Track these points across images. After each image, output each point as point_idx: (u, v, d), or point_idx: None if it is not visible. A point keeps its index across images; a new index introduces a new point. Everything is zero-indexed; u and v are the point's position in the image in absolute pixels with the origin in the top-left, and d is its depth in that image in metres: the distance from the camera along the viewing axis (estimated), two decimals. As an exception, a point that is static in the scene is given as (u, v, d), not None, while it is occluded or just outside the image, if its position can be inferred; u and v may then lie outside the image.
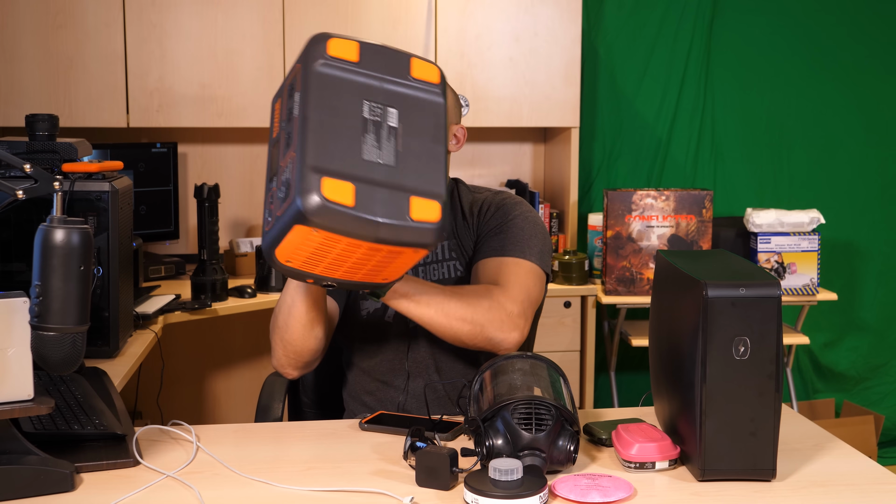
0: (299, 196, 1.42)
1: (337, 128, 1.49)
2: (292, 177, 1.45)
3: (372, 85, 1.54)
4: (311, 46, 1.53)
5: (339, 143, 1.48)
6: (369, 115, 1.52)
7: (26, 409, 1.49)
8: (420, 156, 1.54)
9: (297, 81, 1.53)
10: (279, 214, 1.47)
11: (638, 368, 4.15)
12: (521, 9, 3.70)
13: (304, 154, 1.44)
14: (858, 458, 1.70)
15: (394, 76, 1.56)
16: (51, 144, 2.21)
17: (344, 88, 1.52)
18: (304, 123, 1.47)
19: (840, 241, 4.26)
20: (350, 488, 1.54)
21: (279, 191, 1.50)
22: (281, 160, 1.52)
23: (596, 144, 4.16)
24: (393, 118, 1.54)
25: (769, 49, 4.19)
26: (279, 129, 1.57)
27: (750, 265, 1.67)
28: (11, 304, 1.48)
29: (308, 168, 1.43)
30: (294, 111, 1.51)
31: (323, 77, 1.50)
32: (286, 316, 1.85)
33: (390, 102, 1.55)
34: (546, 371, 1.68)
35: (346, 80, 1.52)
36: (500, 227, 2.03)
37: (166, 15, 3.54)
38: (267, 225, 1.53)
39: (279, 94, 1.62)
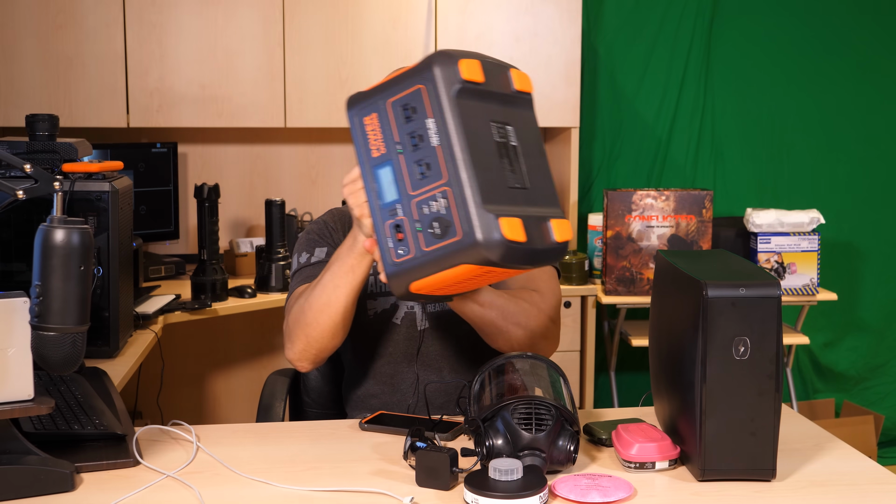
0: (480, 237, 1.43)
1: (483, 158, 1.49)
2: (454, 213, 1.46)
3: (494, 105, 1.54)
4: (441, 67, 1.49)
5: (490, 174, 1.49)
6: (498, 137, 1.52)
7: (26, 409, 1.50)
8: (538, 172, 1.56)
9: (421, 104, 1.50)
10: (432, 248, 1.48)
11: (638, 368, 4.15)
12: (521, 9, 3.70)
13: (470, 192, 1.44)
14: (858, 458, 1.70)
15: (505, 91, 1.55)
16: (51, 144, 2.21)
17: (477, 113, 1.51)
18: (455, 156, 1.46)
19: (840, 241, 4.26)
20: (350, 488, 1.54)
21: (423, 224, 1.49)
22: (413, 189, 1.50)
23: (596, 144, 4.16)
24: (513, 137, 1.55)
25: (769, 49, 4.19)
26: (387, 150, 1.53)
27: (750, 265, 1.67)
28: (11, 304, 1.48)
29: (481, 208, 1.44)
30: (430, 139, 1.49)
31: (462, 105, 1.48)
32: (318, 313, 1.82)
33: (507, 120, 1.55)
34: (546, 371, 1.68)
35: (478, 104, 1.51)
36: None
37: (166, 15, 3.54)
38: (396, 257, 1.52)
39: (367, 108, 1.56)
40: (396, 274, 1.53)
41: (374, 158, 1.55)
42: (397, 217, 1.52)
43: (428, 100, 1.49)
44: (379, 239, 1.55)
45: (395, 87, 1.53)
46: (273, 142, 3.97)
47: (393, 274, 1.53)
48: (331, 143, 4.00)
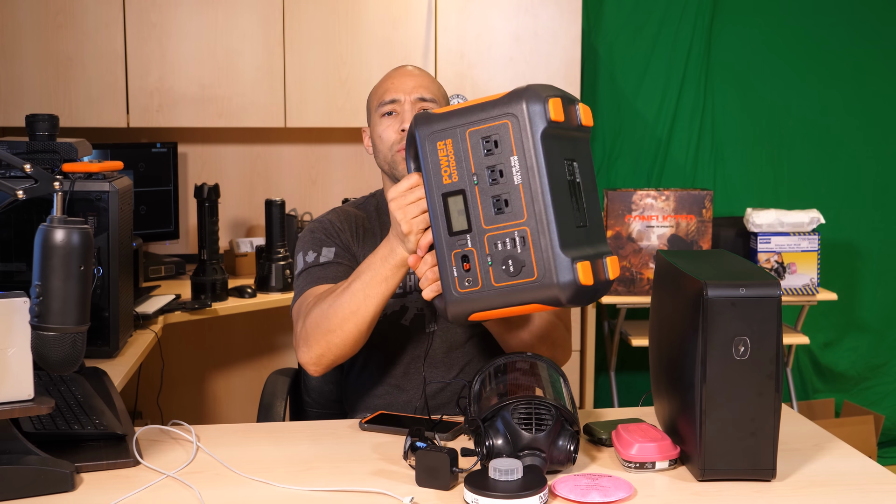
0: (558, 281, 1.49)
1: (561, 198, 1.52)
2: (530, 254, 1.50)
3: (566, 143, 1.55)
4: (530, 105, 1.50)
5: (567, 216, 1.52)
6: (569, 175, 1.55)
7: (26, 409, 1.50)
8: (594, 208, 1.59)
9: (506, 139, 1.51)
10: (503, 285, 1.52)
11: (638, 368, 4.15)
12: (521, 9, 3.70)
13: (553, 235, 1.49)
14: (858, 458, 1.70)
15: (575, 128, 1.57)
16: (51, 144, 2.21)
17: (555, 151, 1.53)
18: (541, 198, 1.49)
19: (840, 241, 4.26)
20: (350, 488, 1.54)
21: (495, 259, 1.53)
22: (487, 223, 1.53)
23: (596, 144, 4.16)
24: (578, 173, 1.57)
25: (769, 49, 4.19)
26: (459, 178, 1.55)
27: (750, 265, 1.68)
28: (11, 304, 1.48)
29: (560, 252, 1.50)
30: (513, 177, 1.51)
31: (547, 145, 1.50)
32: (343, 320, 1.79)
33: (574, 157, 1.57)
34: (546, 371, 1.69)
35: (556, 143, 1.53)
36: None
37: (166, 15, 3.54)
38: (460, 287, 1.56)
39: (444, 133, 1.56)
40: (459, 302, 1.56)
41: (444, 185, 1.57)
42: (466, 248, 1.54)
43: (513, 136, 1.50)
44: (441, 265, 1.57)
45: (476, 116, 1.54)
46: (273, 142, 3.97)
47: (455, 301, 1.57)
48: (331, 143, 4.00)
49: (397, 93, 2.02)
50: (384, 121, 2.03)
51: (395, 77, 2.06)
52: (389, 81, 2.05)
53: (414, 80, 2.03)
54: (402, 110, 2.01)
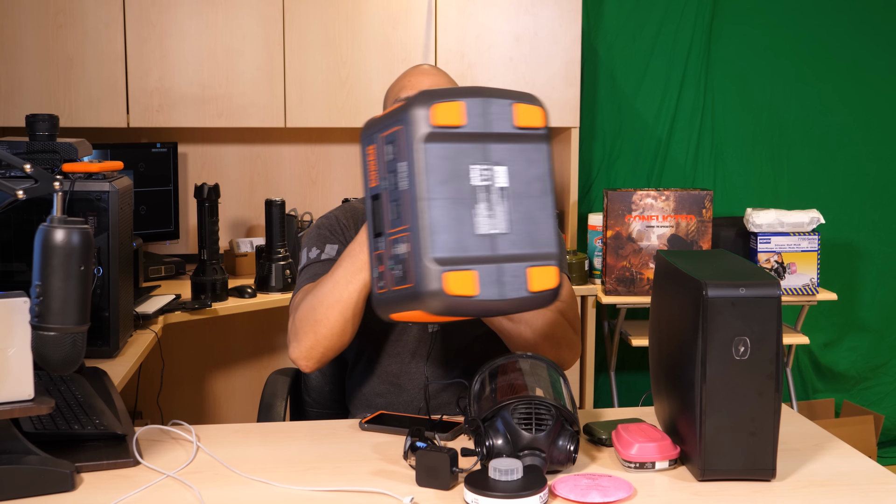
0: (421, 291, 1.44)
1: (450, 205, 1.47)
2: (409, 261, 1.47)
3: (479, 146, 1.50)
4: (415, 110, 1.48)
5: (454, 224, 1.47)
6: (479, 180, 1.50)
7: (26, 409, 1.50)
8: (531, 213, 1.53)
9: (398, 144, 1.50)
10: (395, 289, 1.50)
11: (638, 368, 4.15)
12: (521, 9, 3.70)
13: (421, 245, 1.45)
14: (858, 457, 1.70)
15: (499, 129, 1.52)
16: (51, 144, 2.21)
17: (452, 158, 1.48)
18: (416, 206, 1.46)
19: (840, 241, 4.26)
20: (350, 488, 1.54)
21: (392, 264, 1.51)
22: (389, 227, 1.52)
23: (596, 144, 4.16)
24: (502, 177, 1.52)
25: (769, 49, 4.19)
26: (378, 183, 1.55)
27: (750, 265, 1.68)
28: (11, 304, 1.48)
29: (427, 261, 1.44)
30: (400, 184, 1.49)
31: (430, 151, 1.47)
32: (328, 309, 1.80)
33: (498, 160, 1.52)
34: (546, 371, 1.68)
35: (454, 149, 1.49)
36: None
37: (166, 15, 3.54)
38: (377, 287, 1.56)
39: (370, 138, 1.57)
40: (377, 303, 1.58)
41: (370, 188, 1.58)
42: (379, 249, 1.55)
43: (404, 141, 1.49)
44: (370, 264, 1.60)
45: (387, 121, 1.53)
46: (273, 142, 3.96)
47: (376, 300, 1.58)
48: (331, 143, 4.00)
49: (412, 91, 2.02)
50: None
51: (411, 75, 2.07)
52: (406, 79, 2.06)
53: (429, 80, 2.04)
54: None
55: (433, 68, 2.11)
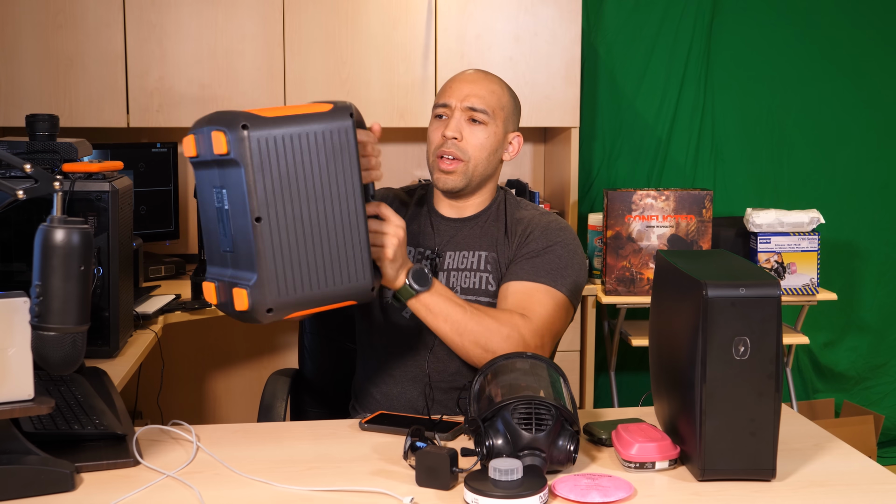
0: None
1: (209, 223, 1.66)
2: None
3: (215, 171, 1.63)
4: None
5: (212, 238, 1.66)
6: (217, 202, 1.63)
7: (26, 409, 1.50)
8: (242, 234, 1.61)
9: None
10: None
11: (638, 368, 4.15)
12: (521, 9, 3.70)
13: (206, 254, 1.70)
14: (858, 458, 1.70)
15: (212, 157, 1.61)
16: (51, 144, 2.21)
17: (206, 180, 1.64)
18: (200, 224, 1.72)
19: (840, 241, 4.26)
20: (350, 488, 1.54)
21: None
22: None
23: (596, 144, 4.16)
24: (226, 200, 1.62)
25: (769, 49, 4.19)
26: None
27: (750, 265, 1.68)
28: (11, 304, 1.48)
29: (208, 269, 1.69)
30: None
31: (202, 176, 1.66)
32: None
33: (223, 184, 1.62)
34: (546, 371, 1.69)
35: (206, 173, 1.64)
36: (539, 252, 2.01)
37: (166, 15, 3.54)
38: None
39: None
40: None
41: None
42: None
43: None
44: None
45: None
46: (273, 142, 3.96)
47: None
48: (331, 143, 3.99)
49: (450, 98, 2.05)
50: (433, 123, 2.08)
51: (455, 80, 2.09)
52: (449, 84, 2.09)
53: (469, 88, 2.05)
54: (450, 115, 2.04)
55: (481, 75, 2.10)
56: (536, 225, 2.06)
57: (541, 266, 1.98)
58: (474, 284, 2.04)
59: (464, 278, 2.05)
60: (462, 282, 2.05)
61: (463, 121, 2.03)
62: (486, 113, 2.03)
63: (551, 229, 2.04)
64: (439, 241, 2.09)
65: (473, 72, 2.11)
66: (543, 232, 2.04)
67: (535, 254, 2.00)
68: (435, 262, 2.08)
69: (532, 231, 2.05)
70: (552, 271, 1.98)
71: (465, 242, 2.08)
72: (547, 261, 1.99)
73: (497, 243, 2.06)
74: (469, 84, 2.05)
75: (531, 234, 2.04)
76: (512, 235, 2.06)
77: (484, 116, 2.03)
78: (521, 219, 2.08)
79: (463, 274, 2.06)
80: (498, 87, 2.08)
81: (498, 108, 2.05)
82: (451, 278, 2.06)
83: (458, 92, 2.05)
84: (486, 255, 2.05)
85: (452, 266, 2.07)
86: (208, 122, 1.61)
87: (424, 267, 1.83)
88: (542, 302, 1.95)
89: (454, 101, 2.04)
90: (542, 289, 1.96)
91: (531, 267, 1.99)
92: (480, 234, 2.08)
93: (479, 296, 2.03)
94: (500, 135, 2.06)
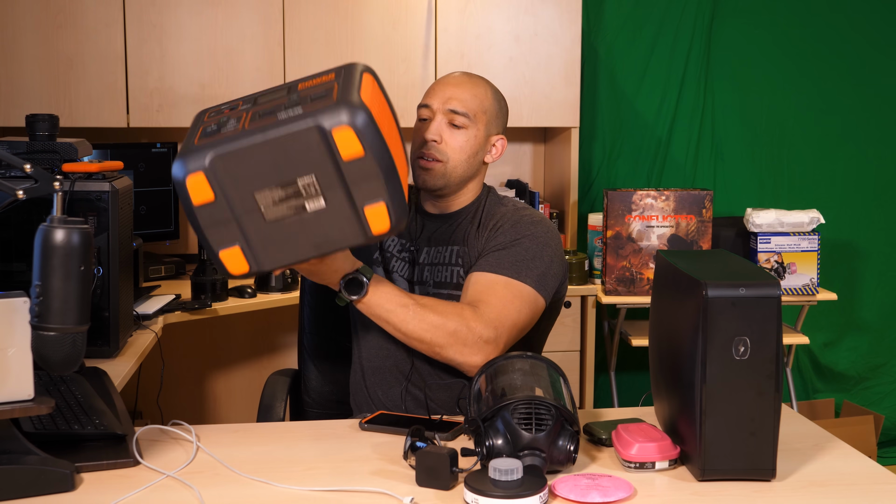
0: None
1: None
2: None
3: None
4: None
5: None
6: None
7: (26, 409, 1.50)
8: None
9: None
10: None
11: (638, 368, 4.15)
12: (521, 9, 3.70)
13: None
14: (858, 458, 1.70)
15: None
16: (51, 144, 2.21)
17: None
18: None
19: (840, 241, 4.26)
20: (350, 488, 1.54)
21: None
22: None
23: (596, 144, 4.16)
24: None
25: (769, 49, 4.19)
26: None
27: (750, 265, 1.68)
28: (11, 304, 1.48)
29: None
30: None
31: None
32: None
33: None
34: (546, 371, 1.69)
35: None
36: (506, 244, 2.01)
37: (166, 15, 3.54)
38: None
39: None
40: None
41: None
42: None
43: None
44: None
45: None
46: (273, 142, 3.96)
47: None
48: (331, 143, 4.00)
49: (433, 100, 2.07)
50: (416, 124, 2.09)
51: (439, 83, 2.10)
52: (433, 86, 2.10)
53: (451, 91, 2.06)
54: (432, 118, 2.05)
55: (466, 78, 2.10)
56: (507, 219, 2.06)
57: (504, 258, 1.98)
58: (446, 278, 2.07)
59: (437, 272, 2.08)
60: (435, 276, 2.08)
61: (443, 124, 2.04)
62: (467, 116, 2.04)
63: (522, 223, 2.04)
64: (419, 237, 2.12)
65: (459, 75, 2.11)
66: (513, 226, 2.04)
67: (501, 247, 2.01)
68: (413, 256, 2.11)
69: (502, 225, 2.05)
70: (516, 263, 1.97)
71: (441, 238, 2.10)
72: (512, 253, 1.99)
73: (468, 237, 2.08)
74: (452, 87, 2.06)
75: (500, 227, 2.05)
76: (483, 230, 2.07)
77: (464, 120, 2.04)
78: (495, 213, 2.09)
79: (436, 268, 2.08)
80: (481, 91, 2.08)
81: (479, 112, 2.06)
82: (426, 272, 2.09)
83: (440, 94, 2.06)
84: (458, 248, 2.08)
85: (427, 261, 2.10)
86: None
87: (362, 275, 1.82)
88: (499, 294, 1.93)
89: (436, 103, 2.05)
90: (502, 280, 1.95)
91: (495, 259, 1.99)
92: (456, 229, 2.10)
93: (452, 289, 2.05)
94: (480, 138, 2.07)
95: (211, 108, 1.72)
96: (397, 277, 2.11)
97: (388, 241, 2.14)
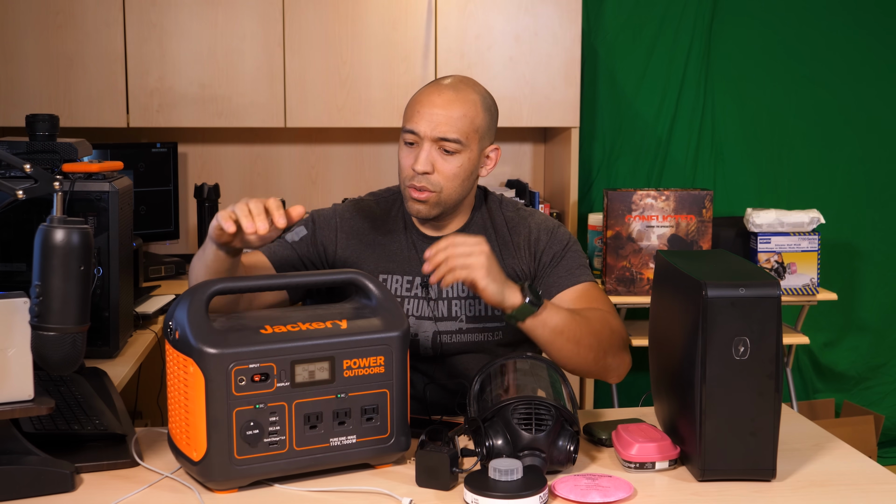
0: None
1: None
2: None
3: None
4: None
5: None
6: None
7: (26, 410, 1.50)
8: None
9: None
10: None
11: (638, 368, 4.13)
12: (521, 9, 3.70)
13: None
14: (858, 458, 1.70)
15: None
16: (51, 144, 2.21)
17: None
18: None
19: (840, 241, 4.26)
20: (350, 488, 1.54)
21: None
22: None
23: (596, 144, 4.15)
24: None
25: (769, 49, 4.19)
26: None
27: (750, 265, 1.68)
28: (11, 304, 1.48)
29: None
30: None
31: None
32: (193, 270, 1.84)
33: None
34: (546, 371, 1.68)
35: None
36: (561, 254, 1.99)
37: (166, 15, 3.54)
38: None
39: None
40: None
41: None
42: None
43: None
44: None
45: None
46: (273, 142, 3.96)
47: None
48: (331, 144, 4.00)
49: (419, 125, 1.89)
50: (404, 148, 1.93)
51: (425, 104, 1.91)
52: (418, 107, 1.91)
53: (439, 116, 1.88)
54: (420, 146, 1.90)
55: (453, 95, 1.91)
56: (540, 229, 2.01)
57: (572, 266, 1.98)
58: (480, 312, 1.96)
59: (468, 306, 1.95)
60: (467, 310, 1.96)
61: (434, 151, 1.89)
62: (460, 142, 1.89)
63: (551, 227, 2.03)
64: (421, 266, 1.86)
65: (445, 90, 1.92)
66: (550, 234, 2.01)
67: (560, 257, 1.99)
68: (429, 291, 1.95)
69: (539, 237, 2.00)
70: (581, 266, 1.99)
71: None
72: (571, 260, 1.99)
73: (497, 254, 1.96)
74: (439, 109, 1.88)
75: (539, 240, 1.99)
76: (516, 249, 1.99)
77: (457, 146, 1.89)
78: (516, 222, 2.02)
79: (467, 302, 1.95)
80: (471, 108, 1.90)
81: (472, 132, 1.90)
82: (454, 307, 1.96)
83: (427, 119, 1.88)
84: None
85: (454, 294, 1.96)
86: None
87: (527, 282, 1.75)
88: (596, 296, 1.96)
89: (423, 129, 1.88)
90: (587, 285, 1.97)
91: (565, 271, 1.97)
92: None
93: (487, 322, 1.96)
94: (474, 158, 1.93)
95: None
96: (416, 321, 1.95)
97: (389, 282, 1.97)
